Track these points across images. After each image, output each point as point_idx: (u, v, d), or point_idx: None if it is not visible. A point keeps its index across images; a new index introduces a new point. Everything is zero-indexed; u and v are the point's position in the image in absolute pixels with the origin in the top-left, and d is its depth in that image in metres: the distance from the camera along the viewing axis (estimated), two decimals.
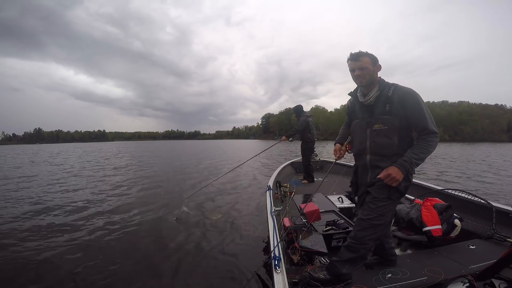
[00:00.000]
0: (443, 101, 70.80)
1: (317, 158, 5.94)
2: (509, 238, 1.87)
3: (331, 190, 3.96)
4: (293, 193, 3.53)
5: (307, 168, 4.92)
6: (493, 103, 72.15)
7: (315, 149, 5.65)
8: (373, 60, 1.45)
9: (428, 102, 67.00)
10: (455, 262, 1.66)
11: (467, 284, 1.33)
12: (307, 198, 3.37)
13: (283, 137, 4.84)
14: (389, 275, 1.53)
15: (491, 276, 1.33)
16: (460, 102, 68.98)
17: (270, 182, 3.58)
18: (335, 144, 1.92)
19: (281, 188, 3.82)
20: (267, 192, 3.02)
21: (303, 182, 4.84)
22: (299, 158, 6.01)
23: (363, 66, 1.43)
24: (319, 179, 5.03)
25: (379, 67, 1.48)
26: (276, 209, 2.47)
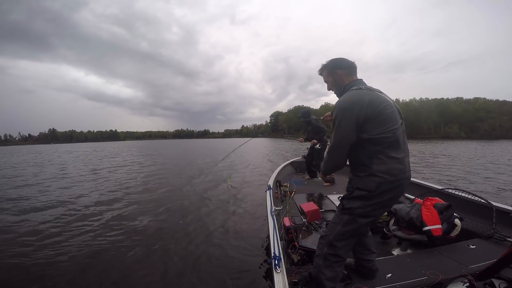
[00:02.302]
0: (457, 98, 68.05)
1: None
2: (509, 237, 1.87)
3: (331, 189, 3.96)
4: (293, 192, 3.53)
5: (311, 167, 4.88)
6: (511, 99, 68.25)
7: None
8: (329, 70, 1.47)
9: (442, 98, 64.87)
10: (455, 261, 1.66)
11: (467, 283, 1.33)
12: (307, 198, 3.37)
13: (313, 141, 4.63)
14: (389, 275, 1.53)
15: (491, 275, 1.33)
16: (476, 99, 66.07)
17: (270, 182, 3.58)
18: None
19: (281, 187, 3.81)
20: (267, 191, 3.02)
21: (306, 178, 4.86)
22: (299, 158, 6.00)
23: (324, 80, 1.53)
24: (319, 178, 5.03)
25: (338, 73, 1.44)
26: (276, 208, 2.47)
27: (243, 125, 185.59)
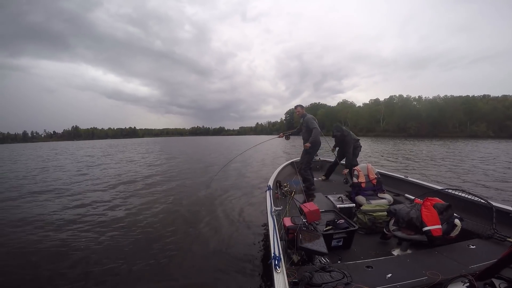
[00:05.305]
0: (484, 95, 64.85)
1: (317, 158, 5.93)
2: (509, 238, 1.87)
3: (331, 190, 3.96)
4: (293, 192, 3.53)
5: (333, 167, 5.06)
6: None
7: None
8: (301, 107, 4.27)
9: (468, 96, 62.81)
10: (455, 262, 1.66)
11: (467, 284, 1.33)
12: (307, 198, 3.37)
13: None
14: (389, 275, 1.53)
15: (492, 276, 1.33)
16: (505, 96, 61.93)
17: (270, 182, 3.58)
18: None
19: (281, 187, 3.82)
20: (267, 192, 3.02)
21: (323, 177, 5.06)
22: (299, 158, 5.99)
23: (298, 110, 4.31)
24: (319, 179, 5.04)
25: (300, 110, 4.27)
26: (276, 209, 2.46)
27: (257, 123, 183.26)
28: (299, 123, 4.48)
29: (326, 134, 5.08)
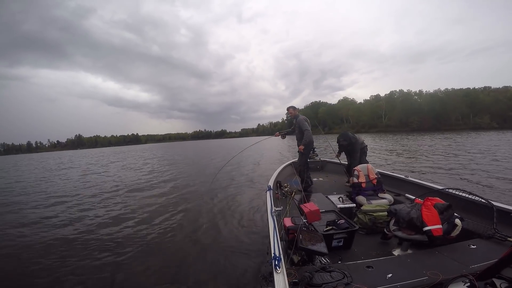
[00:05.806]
0: (485, 87, 64.31)
1: (317, 158, 5.92)
2: (510, 237, 1.86)
3: (331, 190, 3.95)
4: (294, 193, 3.53)
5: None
6: None
7: (315, 148, 5.66)
8: (293, 109, 4.41)
9: (469, 88, 62.43)
10: (456, 261, 1.65)
11: (468, 283, 1.32)
12: (307, 198, 3.36)
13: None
14: (390, 275, 1.53)
15: (492, 275, 1.32)
16: (506, 88, 61.12)
17: (271, 182, 3.58)
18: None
19: (282, 188, 3.81)
20: (268, 192, 3.02)
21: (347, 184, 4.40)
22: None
23: (290, 112, 4.44)
24: (320, 179, 5.03)
25: (293, 112, 4.40)
26: (277, 209, 2.46)
27: (259, 124, 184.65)
28: (293, 124, 4.55)
29: (328, 132, 5.07)
